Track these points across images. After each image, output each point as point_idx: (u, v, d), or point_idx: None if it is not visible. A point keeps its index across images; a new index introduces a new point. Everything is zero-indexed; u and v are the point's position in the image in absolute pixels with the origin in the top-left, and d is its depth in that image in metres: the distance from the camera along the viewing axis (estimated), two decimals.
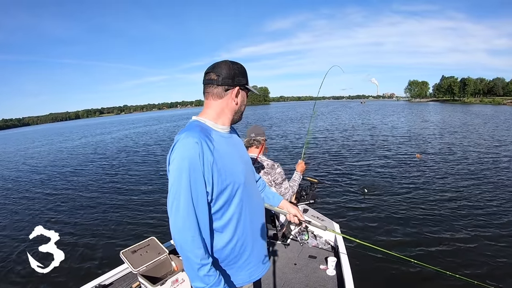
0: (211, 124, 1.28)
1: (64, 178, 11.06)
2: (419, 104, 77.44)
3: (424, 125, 21.83)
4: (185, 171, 1.10)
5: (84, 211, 6.90)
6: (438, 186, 7.21)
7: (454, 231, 4.94)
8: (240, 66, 1.30)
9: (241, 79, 1.29)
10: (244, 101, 1.37)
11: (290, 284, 2.61)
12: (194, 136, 1.13)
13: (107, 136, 31.08)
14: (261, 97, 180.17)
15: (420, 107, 56.77)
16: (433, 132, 17.51)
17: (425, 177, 8.02)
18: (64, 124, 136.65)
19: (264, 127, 2.90)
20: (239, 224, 1.28)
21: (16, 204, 8.15)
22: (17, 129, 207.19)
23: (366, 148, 13.04)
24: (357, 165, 9.84)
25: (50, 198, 8.36)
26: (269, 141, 15.28)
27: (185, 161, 1.10)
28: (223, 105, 1.29)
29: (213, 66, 1.27)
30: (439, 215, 5.57)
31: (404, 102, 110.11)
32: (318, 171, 9.38)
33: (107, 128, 48.73)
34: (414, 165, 9.43)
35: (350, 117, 33.57)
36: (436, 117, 31.09)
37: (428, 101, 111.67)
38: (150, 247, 2.70)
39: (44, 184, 10.34)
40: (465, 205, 5.95)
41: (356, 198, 6.67)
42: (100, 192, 8.49)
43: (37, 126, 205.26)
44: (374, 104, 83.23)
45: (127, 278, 2.74)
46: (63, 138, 34.39)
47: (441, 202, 6.19)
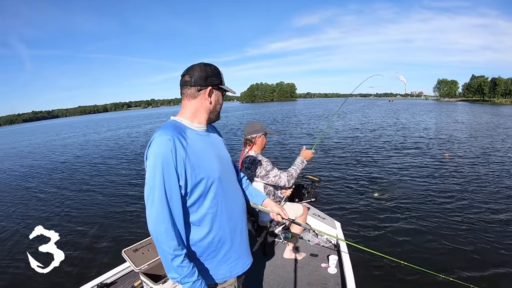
0: (187, 123, 1.37)
1: (67, 174, 11.23)
2: (448, 104, 74.82)
3: (456, 127, 20.45)
4: (158, 166, 1.18)
5: (86, 209, 6.97)
6: (459, 193, 6.78)
7: (474, 243, 4.59)
8: (214, 68, 1.39)
9: (214, 79, 1.38)
10: (219, 100, 1.45)
11: (291, 282, 2.66)
12: (167, 133, 1.22)
13: (130, 130, 32.04)
14: (288, 93, 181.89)
15: (450, 107, 54.05)
16: (465, 134, 16.34)
17: (448, 183, 7.55)
18: (91, 117, 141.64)
19: (259, 122, 2.98)
20: (216, 219, 1.35)
21: (16, 201, 8.26)
22: (46, 121, 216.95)
23: (391, 147, 12.60)
24: (377, 165, 9.54)
25: (52, 195, 8.46)
26: (292, 140, 15.13)
27: (159, 157, 1.19)
28: (197, 104, 1.39)
29: (188, 68, 1.38)
30: (455, 223, 5.29)
31: (433, 101, 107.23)
32: (334, 167, 9.37)
33: (132, 122, 50.29)
34: (440, 168, 8.97)
35: (378, 116, 32.33)
36: (466, 117, 29.17)
37: (457, 101, 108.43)
38: (151, 245, 2.73)
39: (46, 181, 10.44)
40: (492, 219, 5.42)
41: (363, 198, 6.58)
42: (102, 190, 8.55)
43: (66, 119, 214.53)
44: (402, 103, 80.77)
45: (129, 277, 2.77)
46: (84, 132, 35.57)
47: (461, 210, 5.84)
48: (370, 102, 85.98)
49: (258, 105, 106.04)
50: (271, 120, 30.67)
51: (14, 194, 9.00)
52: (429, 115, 32.20)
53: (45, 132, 45.19)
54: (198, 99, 1.38)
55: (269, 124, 25.63)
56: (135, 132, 28.83)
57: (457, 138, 14.75)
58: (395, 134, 16.62)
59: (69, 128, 49.67)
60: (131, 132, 28.55)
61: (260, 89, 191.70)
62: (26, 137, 39.41)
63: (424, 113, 35.16)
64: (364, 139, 15.14)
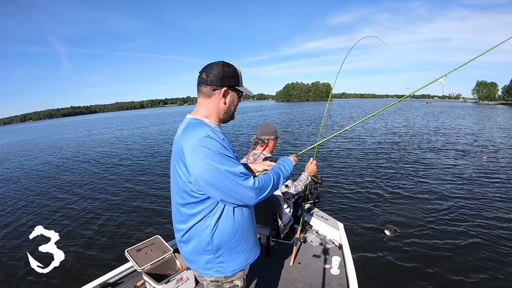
0: (207, 121, 1.41)
1: (76, 172, 11.36)
2: (487, 107, 69.65)
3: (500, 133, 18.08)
4: (217, 153, 1.25)
5: (88, 208, 7.01)
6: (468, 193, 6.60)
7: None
8: (232, 68, 1.38)
9: (231, 80, 1.38)
10: (234, 102, 1.46)
11: (294, 283, 2.68)
12: (203, 130, 1.28)
13: (161, 127, 32.68)
14: (324, 93, 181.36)
15: (489, 110, 49.81)
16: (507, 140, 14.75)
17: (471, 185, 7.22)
18: (127, 113, 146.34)
19: (274, 125, 3.01)
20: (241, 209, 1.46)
21: (16, 199, 8.32)
22: (84, 116, 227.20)
23: (428, 149, 12.08)
24: (394, 168, 9.02)
25: (54, 193, 8.56)
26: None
27: (210, 149, 1.25)
28: (212, 104, 1.41)
29: (206, 66, 1.39)
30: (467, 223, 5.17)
31: (471, 104, 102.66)
32: (341, 169, 9.37)
33: (165, 119, 51.64)
34: (479, 172, 8.40)
35: (418, 119, 29.57)
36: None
37: (497, 104, 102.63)
38: (155, 245, 2.79)
39: (50, 178, 10.60)
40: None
41: (367, 199, 6.57)
42: (106, 188, 8.62)
43: (103, 114, 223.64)
44: (440, 105, 76.11)
45: (132, 277, 2.78)
46: (112, 128, 36.58)
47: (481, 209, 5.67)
48: (406, 104, 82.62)
49: (294, 104, 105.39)
50: (310, 121, 29.45)
51: (14, 194, 8.99)
52: (469, 119, 29.49)
53: (86, 126, 47.98)
54: (213, 98, 1.39)
55: (306, 124, 25.07)
56: (155, 130, 28.90)
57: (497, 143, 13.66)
58: (435, 139, 15.36)
59: (96, 124, 51.99)
60: (157, 130, 28.66)
61: (295, 89, 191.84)
62: (51, 132, 41.69)
63: (464, 117, 32.27)
64: (394, 141, 14.49)
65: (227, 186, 1.26)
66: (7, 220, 6.63)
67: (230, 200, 1.32)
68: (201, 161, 1.24)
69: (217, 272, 1.45)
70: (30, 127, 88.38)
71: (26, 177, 11.31)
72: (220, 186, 1.26)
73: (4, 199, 8.45)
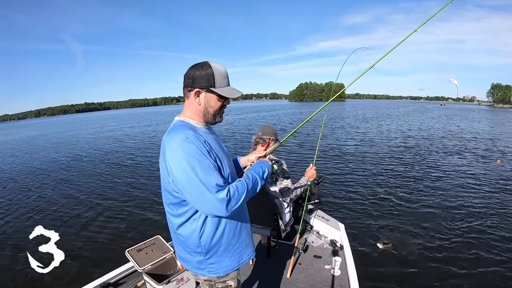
0: (193, 122, 1.45)
1: (74, 170, 11.38)
2: (503, 110, 67.99)
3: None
4: (192, 158, 1.26)
5: (89, 207, 7.00)
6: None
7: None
8: (206, 70, 1.37)
9: (203, 82, 1.37)
10: (210, 103, 1.43)
11: (295, 284, 2.70)
12: (182, 133, 1.31)
13: (170, 125, 32.24)
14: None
15: (505, 114, 48.42)
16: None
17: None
18: (140, 110, 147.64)
19: (275, 128, 3.02)
20: None
21: (16, 198, 8.34)
22: (98, 112, 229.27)
23: (438, 152, 11.84)
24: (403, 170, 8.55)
25: (54, 193, 8.55)
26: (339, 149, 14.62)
27: (190, 154, 1.26)
28: (191, 105, 1.45)
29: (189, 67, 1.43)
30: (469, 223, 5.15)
31: (486, 107, 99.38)
32: (343, 169, 9.29)
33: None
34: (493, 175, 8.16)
35: (433, 122, 27.95)
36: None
37: (511, 108, 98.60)
38: (155, 246, 2.80)
39: (52, 177, 10.58)
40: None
41: (368, 200, 6.54)
42: (107, 188, 8.63)
43: (116, 111, 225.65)
44: (455, 108, 73.75)
45: (132, 277, 2.80)
46: (122, 126, 37.01)
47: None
48: (420, 106, 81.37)
49: (307, 104, 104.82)
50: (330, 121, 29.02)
51: (14, 193, 8.93)
52: (487, 123, 28.34)
53: (98, 123, 48.56)
54: (190, 100, 1.43)
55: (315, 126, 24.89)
56: (164, 129, 28.47)
57: None
58: (442, 142, 14.63)
59: (109, 121, 52.59)
60: (164, 129, 28.19)
61: (309, 88, 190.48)
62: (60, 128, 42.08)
63: (481, 120, 31.26)
64: (400, 143, 14.27)
65: (197, 195, 1.27)
66: (7, 220, 6.65)
67: (200, 209, 1.34)
68: (178, 164, 1.27)
69: (210, 272, 1.48)
70: (43, 123, 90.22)
71: (27, 175, 11.35)
72: (192, 192, 1.28)
73: (4, 198, 8.47)
